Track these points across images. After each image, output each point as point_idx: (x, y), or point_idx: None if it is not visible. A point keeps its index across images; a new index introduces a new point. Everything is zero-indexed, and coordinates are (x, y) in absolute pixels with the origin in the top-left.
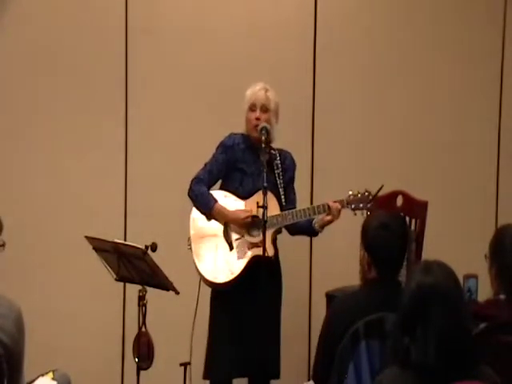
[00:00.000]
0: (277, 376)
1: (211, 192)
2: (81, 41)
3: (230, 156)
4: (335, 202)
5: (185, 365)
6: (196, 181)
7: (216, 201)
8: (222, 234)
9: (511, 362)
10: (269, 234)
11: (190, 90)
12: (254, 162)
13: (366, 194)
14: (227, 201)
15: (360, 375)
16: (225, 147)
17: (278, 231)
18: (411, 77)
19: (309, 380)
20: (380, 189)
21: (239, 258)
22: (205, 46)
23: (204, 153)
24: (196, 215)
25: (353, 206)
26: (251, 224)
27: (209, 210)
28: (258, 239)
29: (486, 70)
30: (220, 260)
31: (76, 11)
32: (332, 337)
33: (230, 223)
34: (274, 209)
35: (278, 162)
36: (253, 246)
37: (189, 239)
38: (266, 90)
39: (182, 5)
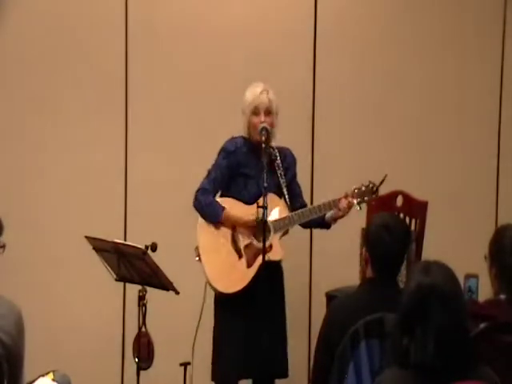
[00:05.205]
0: (285, 375)
1: (218, 200)
2: (81, 41)
3: (233, 161)
4: (344, 197)
5: (185, 365)
6: (201, 191)
7: (223, 208)
8: (230, 243)
9: (511, 361)
10: (276, 237)
11: (190, 90)
12: (257, 164)
13: (371, 185)
14: (236, 206)
15: (360, 375)
16: (227, 152)
17: (285, 233)
18: (411, 76)
19: (309, 382)
20: (384, 179)
21: (249, 265)
22: (204, 46)
23: (204, 152)
24: (203, 224)
25: (358, 200)
26: (258, 228)
27: (218, 219)
28: (266, 244)
29: (486, 70)
30: (230, 269)
31: (76, 11)
32: (331, 337)
33: (239, 228)
34: (282, 211)
35: (279, 161)
36: (261, 251)
37: (196, 248)
38: (268, 92)
39: (182, 5)
